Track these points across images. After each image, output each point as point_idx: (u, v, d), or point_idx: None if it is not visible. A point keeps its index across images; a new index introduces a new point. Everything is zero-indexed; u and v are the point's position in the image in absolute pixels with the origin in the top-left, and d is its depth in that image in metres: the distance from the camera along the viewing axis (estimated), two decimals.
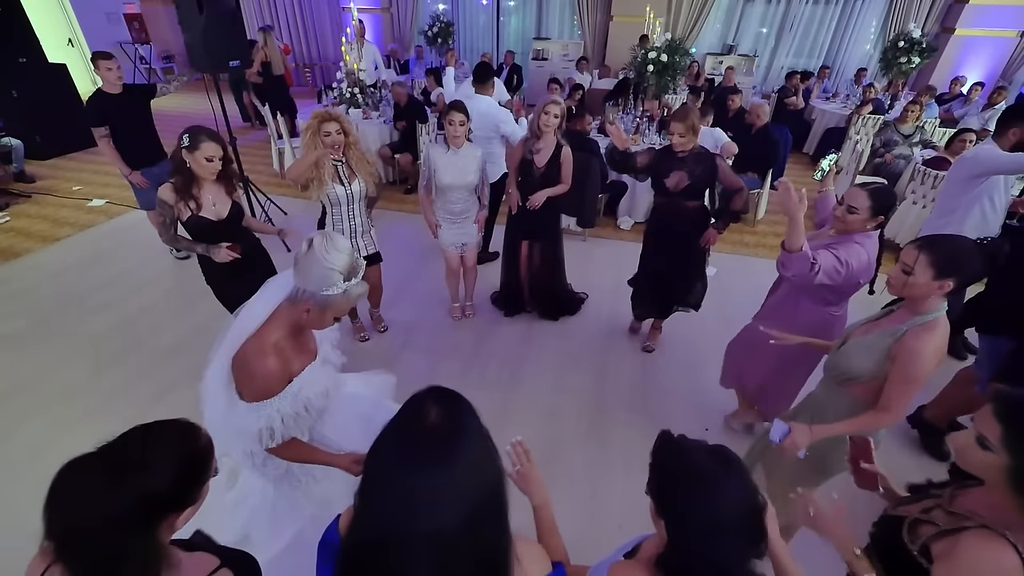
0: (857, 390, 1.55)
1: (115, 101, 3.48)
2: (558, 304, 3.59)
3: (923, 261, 1.36)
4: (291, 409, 1.39)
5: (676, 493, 0.84)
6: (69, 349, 3.14)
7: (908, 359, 1.40)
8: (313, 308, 1.33)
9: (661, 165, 2.67)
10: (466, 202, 3.05)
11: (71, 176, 5.86)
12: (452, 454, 0.68)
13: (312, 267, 1.30)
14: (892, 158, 5.28)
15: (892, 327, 1.48)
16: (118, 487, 0.75)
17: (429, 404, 0.72)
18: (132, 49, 9.78)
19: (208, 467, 0.86)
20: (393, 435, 0.71)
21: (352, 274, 1.34)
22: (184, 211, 2.23)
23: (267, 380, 1.33)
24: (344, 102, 5.65)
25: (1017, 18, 7.69)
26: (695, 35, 8.73)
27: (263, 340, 1.33)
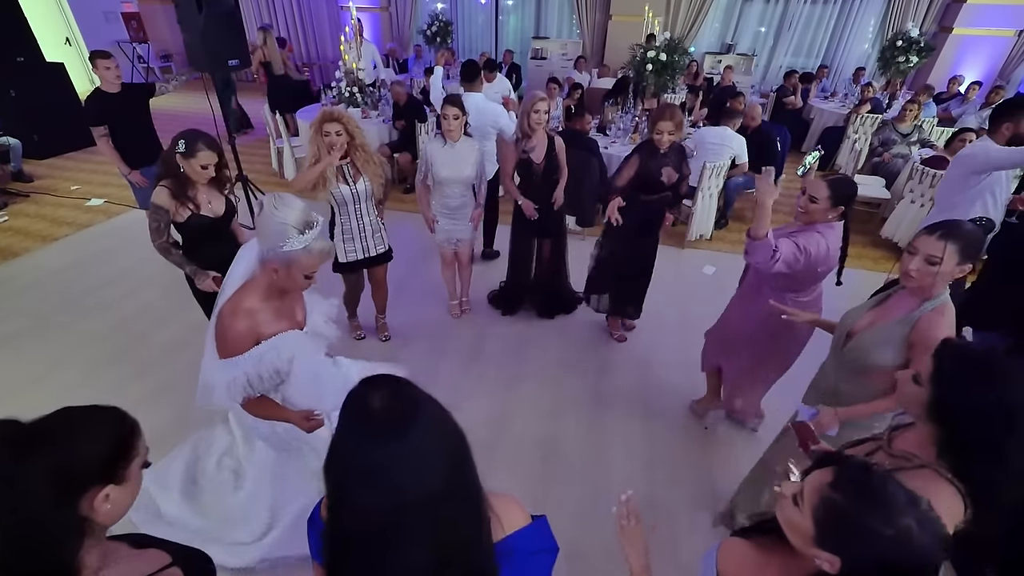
0: (876, 378, 1.60)
1: (114, 100, 3.47)
2: (560, 301, 3.61)
3: (951, 250, 1.42)
4: (254, 370, 1.48)
5: (876, 531, 0.74)
6: (68, 348, 3.14)
7: (928, 346, 1.46)
8: (279, 267, 1.40)
9: (650, 166, 2.72)
10: (463, 197, 3.05)
11: (69, 175, 5.85)
12: (411, 425, 0.69)
13: (266, 225, 1.38)
14: (890, 157, 5.30)
15: (902, 315, 1.54)
16: (28, 455, 0.75)
17: (368, 391, 0.73)
18: (130, 48, 9.75)
19: (130, 448, 0.85)
20: (348, 429, 0.72)
21: (306, 227, 1.39)
22: (183, 212, 2.22)
23: (235, 340, 1.44)
24: (343, 101, 5.64)
25: (1015, 17, 7.71)
26: (694, 34, 8.74)
27: (237, 302, 1.45)
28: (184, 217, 2.22)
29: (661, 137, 2.60)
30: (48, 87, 6.24)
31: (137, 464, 0.86)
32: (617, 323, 3.40)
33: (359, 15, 7.67)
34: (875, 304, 1.67)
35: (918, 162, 4.50)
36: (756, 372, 2.43)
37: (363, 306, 3.39)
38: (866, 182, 5.18)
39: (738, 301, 2.38)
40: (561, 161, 3.05)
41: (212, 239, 2.32)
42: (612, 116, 5.52)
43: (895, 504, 0.74)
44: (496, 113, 3.66)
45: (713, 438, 2.67)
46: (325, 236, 1.45)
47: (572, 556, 2.07)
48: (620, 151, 4.94)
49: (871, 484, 0.77)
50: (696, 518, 2.26)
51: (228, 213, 2.38)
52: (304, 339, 1.61)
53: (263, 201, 1.40)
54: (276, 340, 1.51)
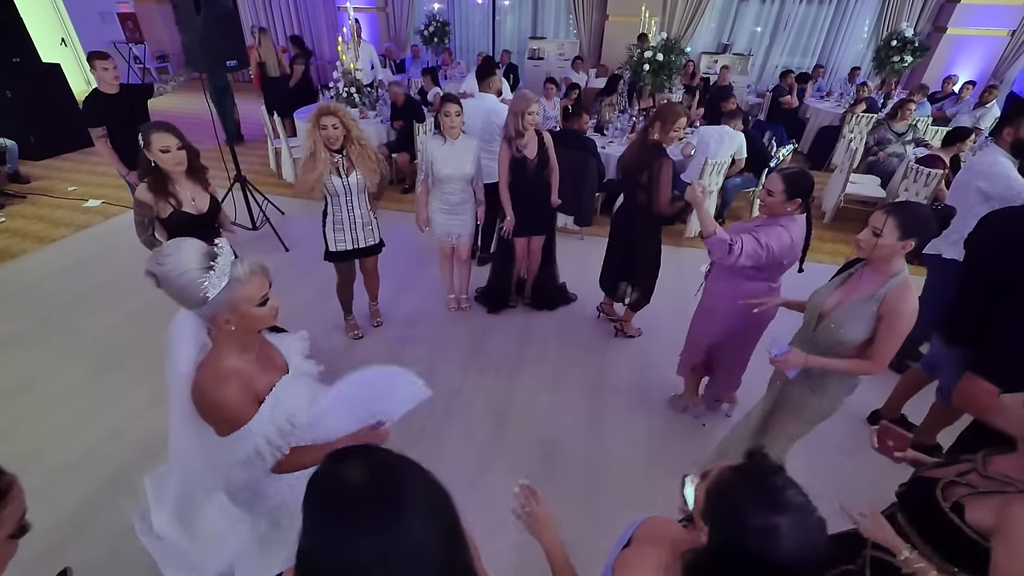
0: (846, 353, 1.72)
1: (112, 101, 3.48)
2: (547, 295, 3.67)
3: (891, 224, 1.54)
4: (272, 427, 1.29)
5: (745, 515, 0.75)
6: (68, 350, 3.14)
7: (895, 317, 1.59)
8: (227, 315, 1.20)
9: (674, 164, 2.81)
10: (464, 193, 3.10)
11: (66, 176, 5.83)
12: (400, 506, 0.59)
13: (176, 289, 1.18)
14: (885, 156, 5.33)
15: (869, 292, 1.65)
16: None
17: (340, 470, 0.62)
18: (126, 49, 9.73)
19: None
20: (321, 521, 0.60)
21: (211, 258, 1.18)
22: (165, 208, 2.25)
23: (233, 408, 1.22)
24: (341, 101, 5.64)
25: (1008, 17, 7.77)
26: (690, 34, 8.77)
27: (216, 370, 1.22)
28: (167, 213, 2.26)
29: (678, 134, 2.66)
30: (44, 88, 6.22)
31: (1, 535, 0.73)
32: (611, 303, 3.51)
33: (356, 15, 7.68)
34: (840, 283, 1.78)
35: (913, 161, 4.53)
36: (735, 354, 2.52)
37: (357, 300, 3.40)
38: (862, 181, 5.22)
39: (710, 291, 2.44)
40: (551, 155, 3.10)
41: (196, 235, 2.33)
42: (609, 116, 5.54)
43: (777, 501, 0.73)
44: (502, 113, 3.66)
45: (711, 434, 2.69)
46: (232, 257, 1.23)
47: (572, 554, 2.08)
48: (617, 151, 4.96)
49: (765, 477, 0.77)
50: None
51: (213, 210, 2.41)
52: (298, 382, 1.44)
53: (153, 272, 1.19)
54: (276, 392, 1.33)
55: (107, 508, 2.18)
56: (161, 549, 1.69)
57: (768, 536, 0.71)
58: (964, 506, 1.07)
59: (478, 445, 2.58)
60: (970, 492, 1.07)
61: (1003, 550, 1.00)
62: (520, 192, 3.11)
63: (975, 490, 1.07)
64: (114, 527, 2.05)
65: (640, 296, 3.24)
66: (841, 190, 4.99)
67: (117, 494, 2.20)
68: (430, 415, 2.75)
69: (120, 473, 2.34)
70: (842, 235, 4.94)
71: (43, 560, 1.96)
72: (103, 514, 2.17)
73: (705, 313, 2.50)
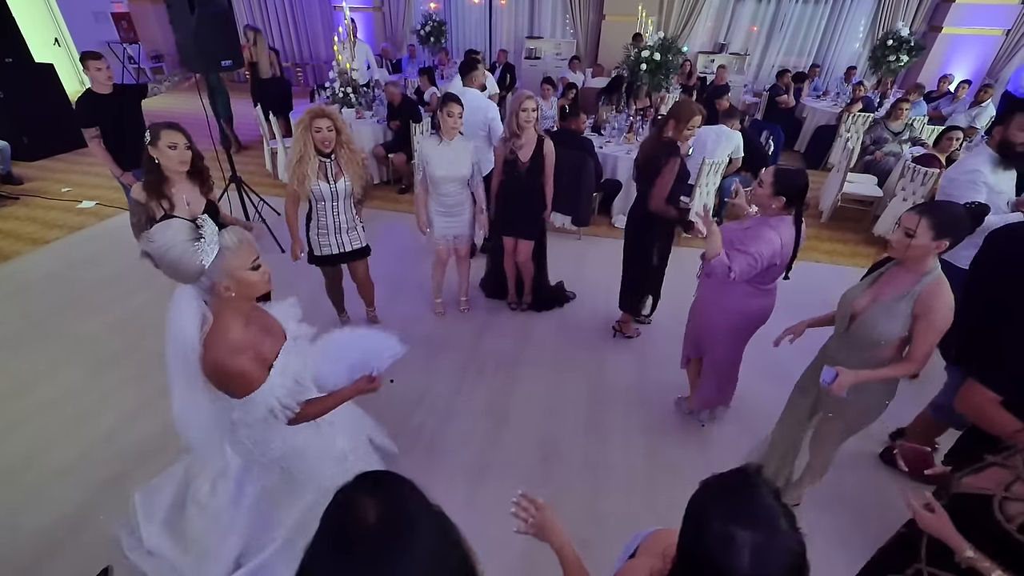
0: (884, 352, 1.71)
1: (105, 102, 3.44)
2: (542, 297, 3.66)
3: (924, 224, 1.53)
4: (283, 389, 1.42)
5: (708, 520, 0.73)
6: (63, 352, 3.11)
7: (933, 313, 1.58)
8: (225, 282, 1.28)
9: (684, 164, 2.74)
10: (460, 195, 3.06)
11: (60, 177, 5.78)
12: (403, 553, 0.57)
13: (173, 266, 1.25)
14: (882, 155, 5.34)
15: (904, 290, 1.64)
16: None
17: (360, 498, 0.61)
18: (120, 49, 9.66)
19: None
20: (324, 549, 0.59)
21: (196, 230, 1.25)
22: (157, 210, 2.22)
23: (247, 374, 1.34)
24: (337, 102, 5.62)
25: (1002, 16, 7.80)
26: (687, 34, 8.77)
27: (226, 343, 1.30)
28: (158, 215, 2.23)
29: (692, 132, 2.63)
30: (37, 89, 6.17)
31: None
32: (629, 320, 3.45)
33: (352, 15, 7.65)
34: (871, 283, 1.77)
35: (909, 160, 4.54)
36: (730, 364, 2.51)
37: (354, 306, 3.39)
38: (859, 180, 5.23)
39: (708, 297, 2.42)
40: (548, 165, 3.03)
41: None
42: (607, 116, 5.53)
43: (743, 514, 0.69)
44: (486, 108, 3.70)
45: (710, 435, 2.68)
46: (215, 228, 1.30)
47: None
48: (615, 151, 4.96)
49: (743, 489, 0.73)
50: None
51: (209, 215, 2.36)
52: (298, 346, 1.57)
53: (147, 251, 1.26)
54: (282, 357, 1.46)
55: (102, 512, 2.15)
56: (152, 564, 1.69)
57: (725, 545, 0.67)
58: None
59: (477, 445, 2.57)
60: None
61: None
62: (507, 193, 3.09)
63: None
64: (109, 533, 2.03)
65: (656, 300, 3.23)
66: (838, 189, 5.00)
67: (111, 498, 2.18)
68: (429, 414, 2.74)
69: (115, 477, 2.31)
70: (839, 234, 4.94)
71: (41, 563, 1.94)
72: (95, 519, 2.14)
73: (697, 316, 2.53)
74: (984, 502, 1.12)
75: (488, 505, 2.28)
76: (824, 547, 2.03)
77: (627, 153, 4.89)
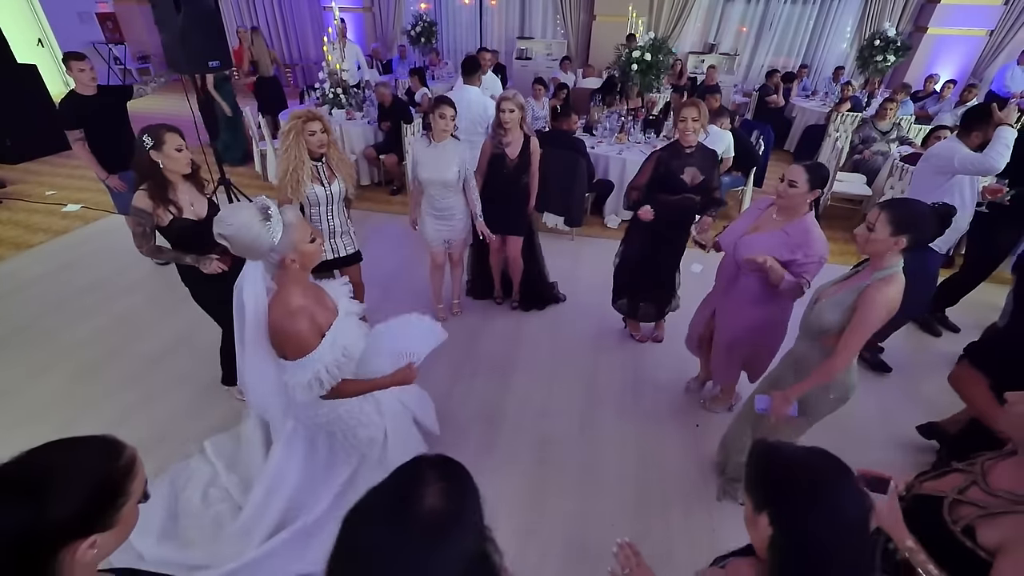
0: (829, 341, 1.75)
1: (89, 103, 3.38)
2: (534, 296, 3.65)
3: (883, 219, 1.56)
4: (331, 357, 1.55)
5: (800, 506, 0.77)
6: (47, 358, 3.04)
7: (866, 307, 1.61)
8: (291, 255, 1.47)
9: (670, 164, 2.69)
10: (449, 199, 3.02)
11: (44, 180, 5.68)
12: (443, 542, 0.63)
13: (247, 245, 1.42)
14: (870, 154, 5.39)
15: (857, 283, 1.69)
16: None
17: (431, 479, 0.67)
18: (106, 49, 9.53)
19: (119, 494, 0.76)
20: (383, 508, 0.65)
21: (265, 210, 1.42)
22: (165, 216, 2.16)
23: (302, 337, 1.49)
24: (327, 103, 5.58)
25: (986, 17, 7.92)
26: (677, 34, 8.82)
27: (287, 306, 1.48)
28: (167, 221, 2.17)
29: (685, 124, 2.55)
30: (20, 90, 6.06)
31: (131, 506, 0.78)
32: (636, 324, 3.40)
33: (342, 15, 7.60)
34: (846, 276, 1.82)
35: (898, 159, 4.59)
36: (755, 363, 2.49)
37: None
38: (848, 179, 5.27)
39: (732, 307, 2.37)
40: (533, 162, 3.05)
41: (198, 242, 2.27)
42: (598, 116, 5.53)
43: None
44: (486, 105, 3.75)
45: (704, 435, 2.69)
46: (278, 208, 1.47)
47: (572, 557, 2.06)
48: (607, 151, 4.97)
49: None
50: (690, 515, 2.27)
51: (212, 215, 2.33)
52: (351, 319, 1.72)
53: (223, 234, 1.42)
54: (335, 327, 1.60)
55: None
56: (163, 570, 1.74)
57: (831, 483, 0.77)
58: (975, 528, 1.05)
59: (471, 448, 2.55)
60: (980, 514, 1.05)
61: (1009, 568, 0.98)
62: (493, 190, 3.09)
63: (984, 511, 1.04)
64: None
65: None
66: (828, 188, 5.04)
67: None
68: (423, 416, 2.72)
69: None
70: (829, 232, 4.88)
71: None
72: None
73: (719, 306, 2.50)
74: (937, 503, 1.13)
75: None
76: None
77: (619, 153, 4.89)
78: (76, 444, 0.75)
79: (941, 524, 1.10)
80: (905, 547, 1.14)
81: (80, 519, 0.71)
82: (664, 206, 2.74)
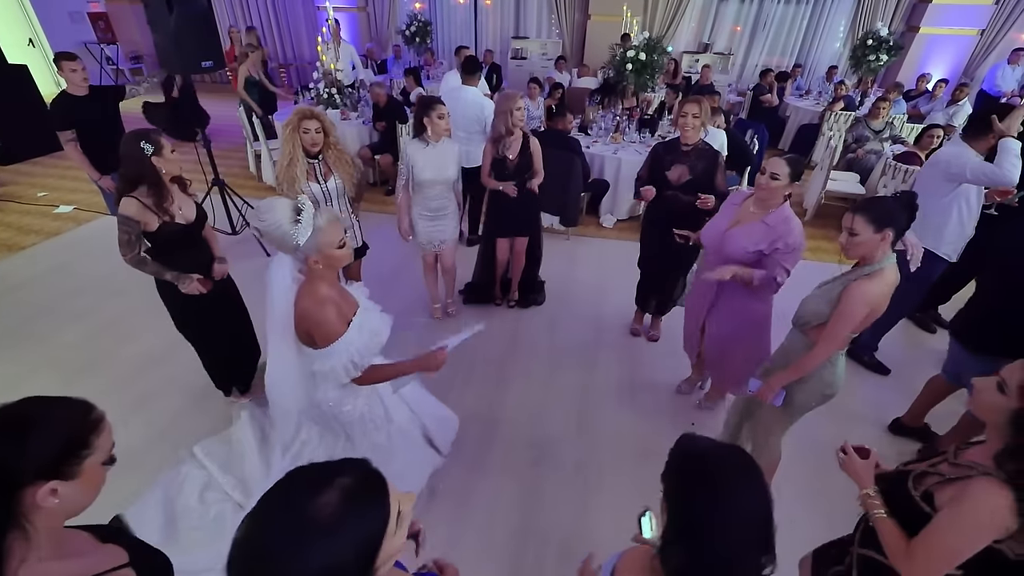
0: (811, 333, 1.79)
1: (81, 103, 3.36)
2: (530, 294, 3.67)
3: (860, 221, 1.58)
4: (360, 342, 1.61)
5: (691, 492, 0.80)
6: (40, 360, 3.02)
7: (847, 300, 1.64)
8: (315, 256, 1.51)
9: (663, 159, 2.74)
10: (444, 198, 3.04)
11: (36, 181, 5.63)
12: (311, 547, 0.60)
13: (275, 239, 1.49)
14: (864, 153, 5.42)
15: (846, 277, 1.72)
16: None
17: (337, 478, 0.65)
18: (98, 49, 9.44)
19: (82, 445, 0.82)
20: (282, 488, 0.65)
21: (297, 212, 1.47)
22: (153, 221, 2.12)
23: (331, 324, 1.55)
24: (321, 103, 5.55)
25: (977, 17, 7.98)
26: (671, 33, 8.84)
27: (315, 295, 1.54)
28: (155, 226, 2.14)
29: (686, 120, 2.55)
30: (11, 90, 6.00)
31: (93, 461, 0.83)
32: (640, 316, 3.43)
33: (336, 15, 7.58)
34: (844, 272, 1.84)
35: (890, 158, 4.62)
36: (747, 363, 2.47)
37: None
38: (842, 178, 5.30)
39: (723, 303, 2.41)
40: (536, 160, 3.06)
41: (185, 246, 2.26)
42: (594, 116, 5.54)
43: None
44: (482, 106, 3.76)
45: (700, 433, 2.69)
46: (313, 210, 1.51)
47: (564, 555, 2.07)
48: (602, 150, 4.97)
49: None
50: None
51: (200, 219, 2.31)
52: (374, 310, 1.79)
53: (256, 227, 1.51)
54: (360, 315, 1.67)
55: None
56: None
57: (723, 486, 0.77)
58: (933, 493, 1.10)
59: (468, 449, 2.54)
60: (939, 480, 1.10)
61: (945, 518, 1.04)
62: (499, 194, 3.09)
63: (943, 478, 1.10)
64: None
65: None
66: (822, 187, 5.06)
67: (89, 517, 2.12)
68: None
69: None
70: (823, 231, 5.01)
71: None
72: None
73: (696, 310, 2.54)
74: (905, 476, 1.19)
75: (479, 509, 2.26)
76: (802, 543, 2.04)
77: (614, 153, 4.90)
78: (51, 399, 0.83)
79: (906, 493, 1.15)
80: (863, 494, 1.23)
81: (38, 462, 0.77)
82: (666, 202, 2.77)
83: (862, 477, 1.26)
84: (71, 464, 0.80)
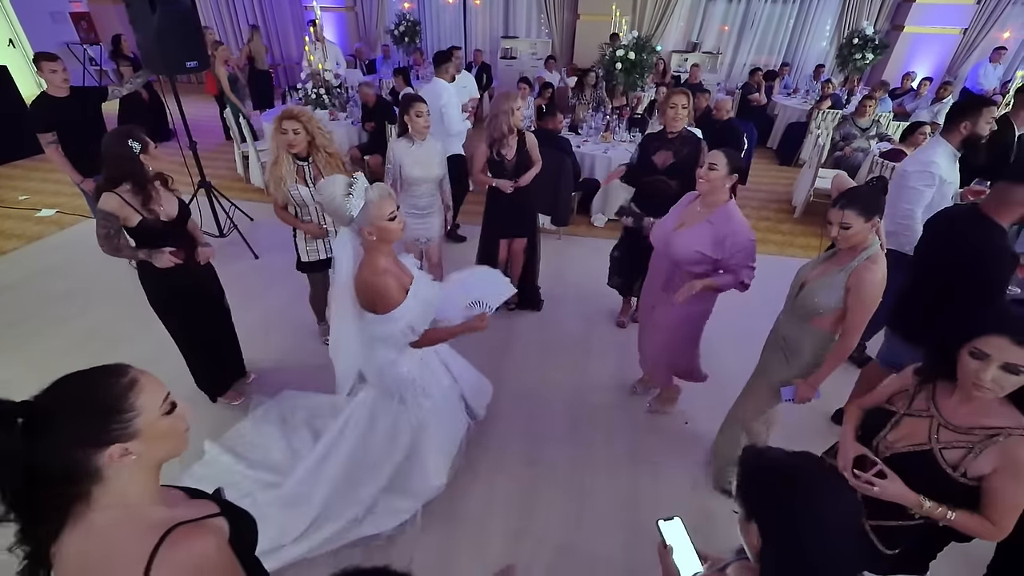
0: (823, 322, 1.83)
1: (62, 105, 3.28)
2: (528, 297, 3.65)
3: (851, 213, 1.64)
4: (417, 308, 1.77)
5: (785, 505, 0.79)
6: (23, 368, 2.97)
7: (862, 287, 1.69)
8: (368, 228, 1.64)
9: (649, 147, 2.84)
10: (431, 196, 3.05)
11: (17, 185, 5.53)
12: None
13: (332, 211, 1.68)
14: (851, 151, 5.47)
15: (843, 264, 1.75)
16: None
17: None
18: (80, 50, 9.28)
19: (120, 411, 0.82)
20: None
21: (350, 186, 1.65)
22: (133, 216, 2.10)
23: (392, 293, 1.70)
24: (310, 103, 5.50)
25: (959, 16, 8.11)
26: (660, 33, 8.87)
27: (375, 267, 1.68)
28: (135, 222, 2.12)
29: (676, 111, 2.67)
30: None
31: (146, 420, 0.83)
32: (628, 308, 3.47)
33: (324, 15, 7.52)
34: (826, 258, 1.88)
35: (877, 155, 4.67)
36: (674, 357, 2.58)
37: None
38: (829, 176, 5.34)
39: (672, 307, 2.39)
40: (534, 155, 3.08)
41: (167, 241, 2.22)
42: (583, 115, 5.54)
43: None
44: (438, 94, 3.80)
45: (694, 433, 2.70)
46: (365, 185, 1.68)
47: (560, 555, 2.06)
48: (592, 149, 4.98)
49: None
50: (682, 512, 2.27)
51: (182, 216, 2.28)
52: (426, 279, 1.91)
53: (318, 200, 1.76)
54: (416, 283, 1.81)
55: None
56: None
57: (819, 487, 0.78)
58: (967, 471, 1.21)
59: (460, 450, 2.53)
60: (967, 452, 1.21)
61: (1011, 482, 1.16)
62: (497, 194, 3.07)
63: (970, 450, 1.21)
64: None
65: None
66: (810, 185, 5.11)
67: None
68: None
69: None
70: (813, 228, 5.05)
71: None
72: None
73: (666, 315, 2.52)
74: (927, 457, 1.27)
75: (475, 510, 2.25)
76: None
77: (604, 152, 4.91)
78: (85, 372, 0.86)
79: (941, 474, 1.23)
80: (924, 510, 1.26)
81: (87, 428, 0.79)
82: (642, 187, 2.88)
83: (904, 496, 1.28)
84: (118, 430, 0.80)
